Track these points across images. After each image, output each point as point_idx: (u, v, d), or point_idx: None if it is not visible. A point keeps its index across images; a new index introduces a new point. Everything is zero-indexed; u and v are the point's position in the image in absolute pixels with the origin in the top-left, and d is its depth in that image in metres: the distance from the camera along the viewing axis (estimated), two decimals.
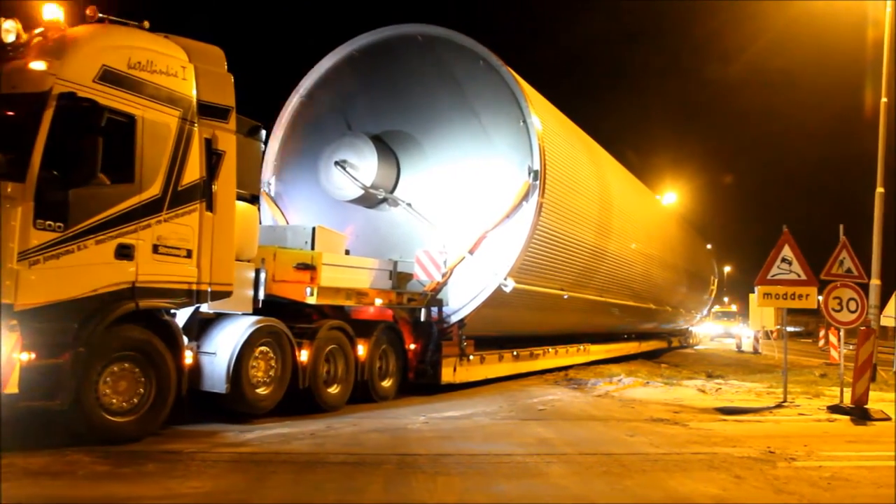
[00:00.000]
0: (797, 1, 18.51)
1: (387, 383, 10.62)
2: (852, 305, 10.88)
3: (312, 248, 10.00)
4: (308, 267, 9.26)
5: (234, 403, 8.05)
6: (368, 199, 12.17)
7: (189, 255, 7.29)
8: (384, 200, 12.26)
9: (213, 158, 7.60)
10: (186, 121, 7.35)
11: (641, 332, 24.01)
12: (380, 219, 12.42)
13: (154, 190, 6.98)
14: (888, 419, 9.75)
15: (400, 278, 11.24)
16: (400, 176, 12.27)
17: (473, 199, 11.83)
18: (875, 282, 14.77)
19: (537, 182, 11.61)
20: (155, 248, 6.95)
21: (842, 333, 11.95)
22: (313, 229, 10.21)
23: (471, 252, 11.65)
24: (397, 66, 12.50)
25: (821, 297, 11.15)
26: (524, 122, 11.76)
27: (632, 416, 9.61)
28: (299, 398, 8.87)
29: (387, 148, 12.23)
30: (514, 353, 13.71)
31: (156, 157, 7.03)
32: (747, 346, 32.82)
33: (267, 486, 5.37)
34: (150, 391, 6.87)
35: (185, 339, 7.44)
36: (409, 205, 12.09)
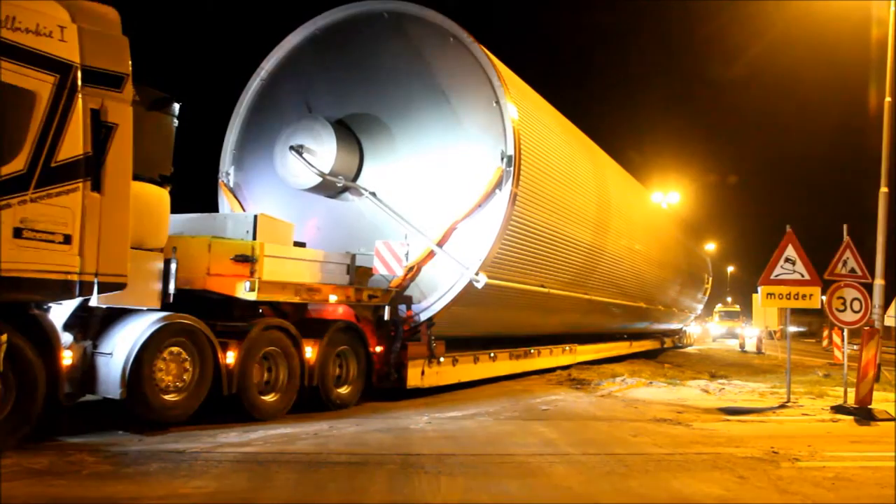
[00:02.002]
0: (800, 1, 18.51)
1: (344, 390, 9.71)
2: (856, 305, 10.86)
3: (254, 238, 9.06)
4: (247, 259, 8.43)
5: (137, 410, 7.18)
6: (328, 188, 11.33)
7: (67, 240, 6.29)
8: (346, 189, 11.43)
9: (101, 132, 6.59)
10: (65, 88, 6.33)
11: (632, 332, 23.34)
12: (344, 210, 11.59)
13: (16, 165, 6.00)
14: (892, 419, 9.71)
15: (361, 273, 10.45)
16: (363, 163, 11.45)
17: (443, 188, 11.04)
18: (879, 281, 14.76)
19: (511, 168, 10.79)
20: (17, 232, 5.95)
21: (845, 333, 11.94)
22: (255, 217, 9.32)
23: (439, 245, 10.82)
24: (362, 45, 11.76)
25: (824, 297, 11.13)
26: (497, 103, 10.91)
27: (635, 417, 9.60)
28: (230, 405, 8.11)
29: (349, 133, 11.42)
30: (491, 354, 12.93)
31: (19, 128, 6.05)
32: (751, 346, 32.78)
33: (270, 486, 5.38)
34: (9, 398, 6.01)
35: (69, 338, 6.73)
36: (372, 194, 11.23)
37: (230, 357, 8.04)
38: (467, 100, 11.13)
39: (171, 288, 7.68)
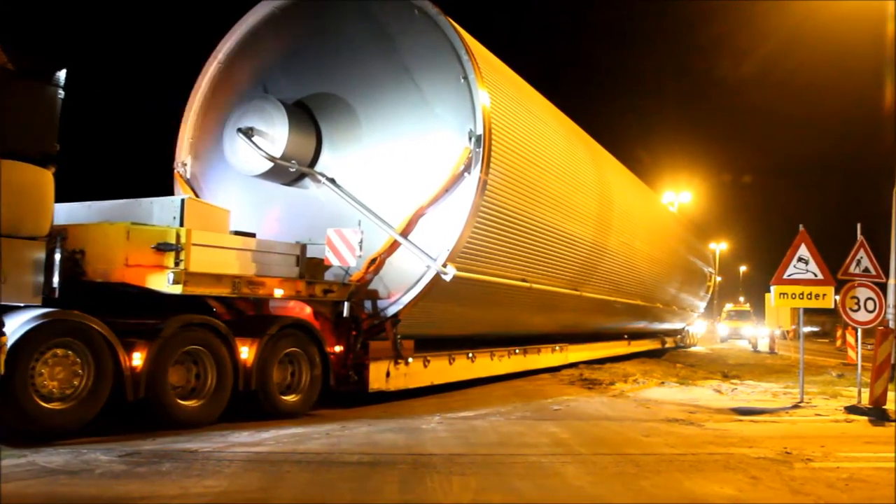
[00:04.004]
0: (811, 0, 18.42)
1: (292, 397, 8.81)
2: (870, 305, 10.79)
3: (182, 224, 8.12)
4: (171, 247, 7.51)
5: (11, 421, 6.36)
6: (283, 175, 10.55)
7: None
8: (304, 176, 10.63)
9: None
10: None
11: (630, 331, 22.44)
12: (305, 200, 10.77)
13: None
14: None
15: (314, 266, 9.68)
16: (321, 147, 10.64)
17: (409, 173, 10.23)
18: (893, 281, 14.64)
19: (480, 149, 9.89)
20: None
21: (859, 333, 11.86)
22: (182, 201, 8.35)
23: (403, 234, 9.96)
24: (324, 23, 10.97)
25: (837, 297, 11.06)
26: (465, 79, 10.04)
27: (647, 417, 9.58)
28: (140, 412, 7.26)
29: (305, 114, 10.63)
30: (469, 354, 12.09)
31: None
32: (763, 346, 32.61)
33: (282, 486, 5.39)
34: None
35: None
36: (331, 180, 10.35)
37: (137, 359, 7.11)
38: (434, 77, 10.30)
39: (55, 281, 6.80)
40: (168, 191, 12.11)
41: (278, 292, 8.77)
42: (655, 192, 28.75)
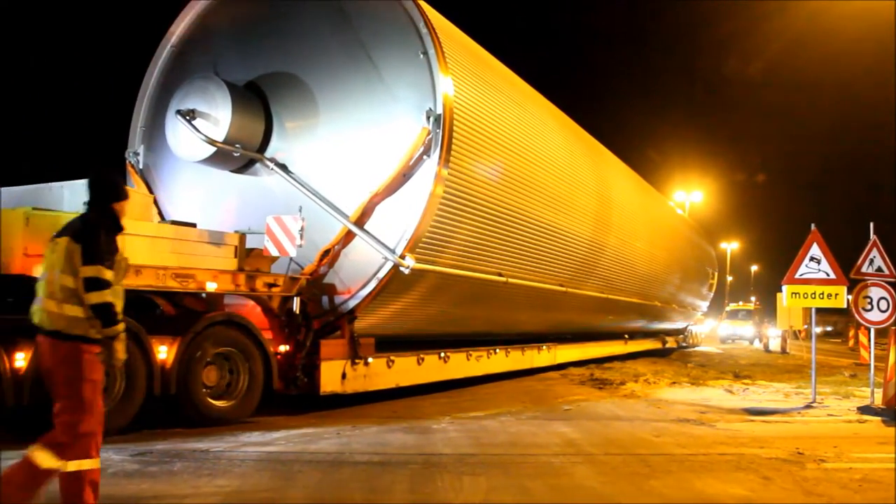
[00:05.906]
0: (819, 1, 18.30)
1: (225, 402, 8.01)
2: (883, 305, 10.72)
3: None
4: None
5: None
6: (229, 161, 9.83)
7: None
8: (254, 163, 9.97)
9: None
10: None
11: (626, 330, 21.47)
12: (261, 189, 10.08)
13: None
14: None
15: (259, 258, 9.02)
16: (272, 130, 9.99)
17: (366, 158, 9.55)
18: None
19: (440, 130, 9.14)
20: None
21: (872, 333, 11.79)
22: None
23: (358, 223, 9.22)
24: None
25: (850, 297, 11.00)
26: (424, 54, 9.30)
27: (658, 417, 9.55)
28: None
29: (253, 95, 9.99)
30: (441, 354, 11.28)
31: None
32: (775, 346, 32.46)
33: (293, 485, 5.41)
34: None
35: None
36: (282, 167, 9.69)
37: (20, 360, 6.30)
38: (391, 53, 9.59)
39: None
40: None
41: (211, 286, 8.06)
42: (663, 192, 28.44)
